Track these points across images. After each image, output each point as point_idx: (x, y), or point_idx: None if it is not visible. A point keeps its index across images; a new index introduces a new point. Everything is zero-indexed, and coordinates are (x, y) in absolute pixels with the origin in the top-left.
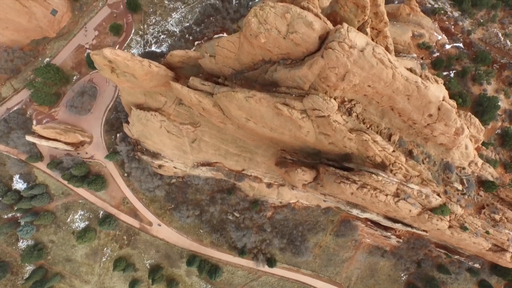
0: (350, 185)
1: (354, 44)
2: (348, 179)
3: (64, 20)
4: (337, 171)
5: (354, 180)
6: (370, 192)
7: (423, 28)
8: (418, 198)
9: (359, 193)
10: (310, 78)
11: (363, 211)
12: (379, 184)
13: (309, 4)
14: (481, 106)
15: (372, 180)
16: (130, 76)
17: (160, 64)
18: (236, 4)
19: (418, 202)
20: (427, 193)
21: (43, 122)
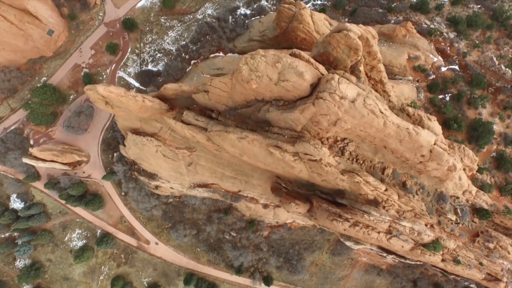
0: (342, 223)
1: (345, 95)
2: (340, 216)
3: (61, 39)
4: (329, 208)
5: (347, 218)
6: (363, 230)
7: (419, 50)
8: (411, 234)
9: (352, 230)
10: (302, 121)
11: (357, 243)
12: (371, 223)
13: (300, 52)
14: (476, 131)
15: (364, 219)
16: (124, 108)
17: (153, 97)
18: (233, 22)
19: (410, 238)
20: (419, 230)
21: (40, 142)
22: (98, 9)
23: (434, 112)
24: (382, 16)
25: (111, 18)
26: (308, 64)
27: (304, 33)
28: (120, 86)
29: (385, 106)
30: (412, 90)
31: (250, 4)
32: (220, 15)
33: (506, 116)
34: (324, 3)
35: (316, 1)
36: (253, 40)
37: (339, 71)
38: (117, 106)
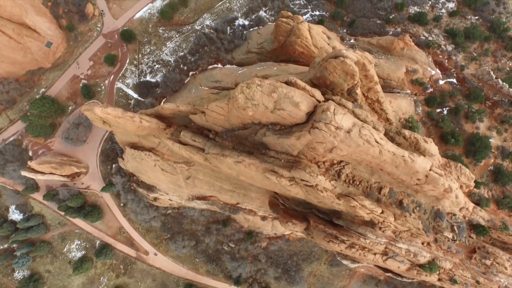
0: (339, 245)
1: (340, 125)
2: (337, 238)
3: (59, 50)
4: (326, 229)
5: (343, 240)
6: (359, 251)
7: (417, 63)
8: (407, 256)
9: (348, 251)
10: (298, 146)
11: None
12: (367, 245)
13: (296, 80)
14: (474, 146)
15: (360, 241)
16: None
17: (151, 117)
18: (231, 33)
19: (406, 259)
20: (415, 251)
21: (39, 153)
22: (96, 20)
23: (431, 126)
24: (380, 28)
25: (110, 29)
26: (304, 92)
27: (302, 47)
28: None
29: (381, 135)
30: (410, 104)
31: (248, 15)
32: (218, 26)
33: (504, 130)
34: (322, 14)
35: (314, 12)
36: (251, 52)
37: (335, 97)
38: (115, 125)
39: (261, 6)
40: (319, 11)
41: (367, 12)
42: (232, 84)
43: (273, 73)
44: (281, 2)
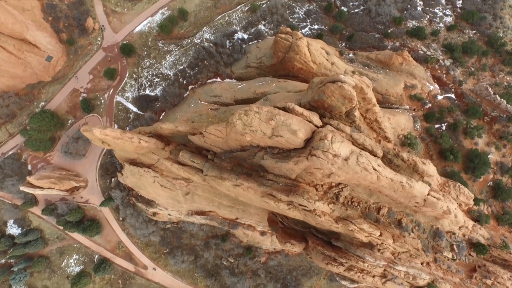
0: (337, 267)
1: (338, 153)
2: (335, 260)
3: (59, 64)
4: (324, 251)
5: (341, 262)
6: (357, 274)
7: (416, 78)
8: (406, 278)
9: (347, 273)
10: (296, 171)
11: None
12: (366, 267)
13: (294, 106)
14: (473, 163)
15: (359, 264)
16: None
17: (149, 137)
18: (230, 47)
19: (406, 282)
20: (414, 274)
21: (38, 167)
22: (96, 34)
23: (430, 142)
24: (379, 42)
25: (109, 43)
26: (302, 119)
27: (301, 63)
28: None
29: (378, 162)
30: (408, 120)
31: (247, 28)
32: (218, 40)
33: (502, 146)
34: (321, 27)
35: (313, 26)
36: (250, 67)
37: (333, 121)
38: (113, 145)
39: (260, 20)
40: (318, 25)
41: (366, 26)
42: (231, 100)
43: (272, 90)
44: (280, 16)
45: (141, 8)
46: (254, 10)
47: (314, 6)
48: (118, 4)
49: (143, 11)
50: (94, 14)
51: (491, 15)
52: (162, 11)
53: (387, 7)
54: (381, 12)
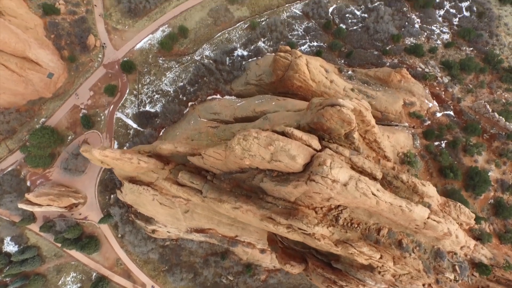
0: None
1: (337, 179)
2: (335, 283)
3: (60, 80)
4: (324, 273)
5: (342, 285)
6: None
7: (414, 95)
8: None
9: None
10: (295, 194)
11: None
12: None
13: (293, 131)
14: (473, 180)
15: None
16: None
17: (149, 158)
18: (230, 64)
19: None
20: None
21: (37, 183)
22: (97, 51)
23: (430, 160)
24: (377, 59)
25: (110, 59)
26: (301, 143)
27: (300, 81)
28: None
29: (378, 186)
30: (408, 137)
31: (247, 45)
32: (217, 57)
33: (502, 163)
34: (320, 44)
35: (312, 43)
36: (250, 84)
37: (332, 144)
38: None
39: (259, 37)
40: (317, 42)
41: (364, 43)
42: (231, 117)
43: (271, 109)
44: (280, 33)
45: (142, 25)
46: (254, 27)
47: (313, 23)
48: (119, 21)
49: (144, 28)
50: (96, 32)
51: (487, 33)
52: (163, 29)
53: (385, 25)
54: (379, 30)
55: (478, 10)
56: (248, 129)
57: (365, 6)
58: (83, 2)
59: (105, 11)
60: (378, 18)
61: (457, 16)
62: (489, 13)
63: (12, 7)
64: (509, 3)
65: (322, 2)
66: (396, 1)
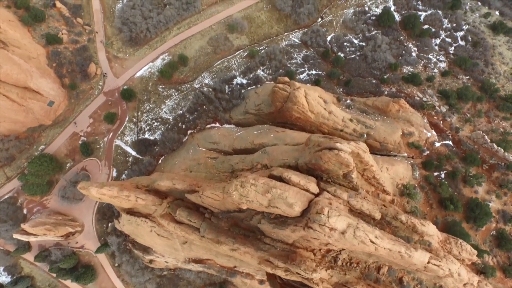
0: None
1: (335, 227)
2: None
3: (61, 108)
4: None
5: None
6: None
7: (413, 125)
8: None
9: None
10: (293, 237)
11: None
12: None
13: (290, 176)
14: (473, 212)
15: None
16: (117, 204)
17: (147, 194)
18: (229, 92)
19: None
20: None
21: (34, 211)
22: (98, 79)
23: (430, 191)
24: (375, 87)
25: (110, 87)
26: (298, 189)
27: (299, 113)
28: (113, 186)
29: (376, 233)
30: (407, 168)
31: (246, 74)
32: (217, 85)
33: (503, 194)
34: (318, 73)
35: (311, 71)
36: (249, 113)
37: (330, 187)
38: (110, 202)
39: (258, 65)
40: (316, 70)
41: (363, 72)
42: (230, 148)
43: (270, 142)
44: (279, 61)
45: (142, 53)
46: (253, 55)
47: (312, 51)
48: (120, 50)
49: (144, 56)
50: (97, 60)
51: (482, 62)
52: (163, 57)
53: (383, 54)
54: (377, 58)
55: (473, 39)
56: (246, 175)
57: (362, 35)
58: (85, 31)
59: (106, 40)
60: (376, 47)
61: (453, 45)
62: (484, 43)
63: (16, 38)
64: (502, 33)
65: (320, 31)
66: (393, 30)
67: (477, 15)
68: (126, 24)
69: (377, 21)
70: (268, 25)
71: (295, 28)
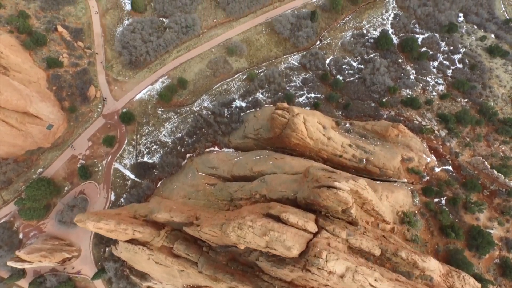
0: None
1: (333, 271)
2: None
3: (60, 131)
4: None
5: None
6: None
7: (412, 150)
8: None
9: None
10: (292, 276)
11: None
12: None
13: (288, 217)
14: (476, 241)
15: None
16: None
17: (144, 227)
18: (228, 115)
19: None
20: None
21: (30, 235)
22: (97, 102)
23: (430, 218)
24: (374, 111)
25: (110, 110)
26: (296, 230)
27: (298, 139)
28: (110, 219)
29: (376, 275)
30: (407, 195)
31: (245, 97)
32: (216, 109)
33: (505, 221)
34: (317, 96)
35: (310, 94)
36: (248, 137)
37: (329, 226)
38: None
39: (258, 88)
40: (315, 93)
41: (361, 95)
42: (228, 174)
43: (269, 170)
44: (278, 85)
45: (142, 76)
46: (252, 78)
47: (311, 74)
48: (120, 73)
49: (144, 79)
50: (97, 83)
51: (480, 84)
52: (163, 80)
53: (381, 77)
54: (376, 81)
55: (470, 62)
56: (243, 217)
57: (361, 58)
58: (86, 54)
59: (106, 63)
60: (374, 69)
61: (451, 68)
62: (481, 66)
63: (18, 63)
64: (498, 56)
65: (319, 53)
66: (391, 53)
67: (473, 38)
68: (126, 48)
69: (375, 44)
70: (267, 48)
71: (294, 51)
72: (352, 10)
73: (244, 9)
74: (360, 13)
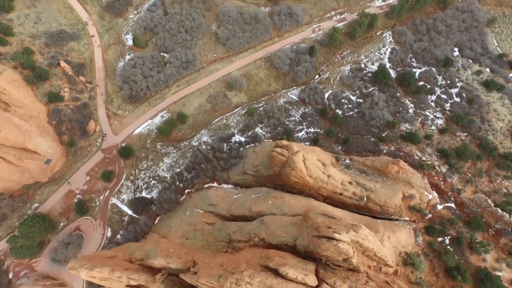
0: None
1: None
2: None
3: (58, 165)
4: None
5: None
6: None
7: (413, 187)
8: None
9: None
10: None
11: None
12: None
13: (287, 272)
14: (484, 284)
15: None
16: None
17: (140, 274)
18: (227, 150)
19: None
20: None
21: (21, 275)
22: (96, 136)
23: (434, 258)
24: (374, 146)
25: (109, 144)
26: (296, 284)
27: (297, 178)
28: (104, 266)
29: None
30: (409, 234)
31: (244, 131)
32: (215, 144)
33: None
34: (317, 131)
35: (309, 129)
36: (247, 174)
37: (329, 279)
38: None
39: (257, 123)
40: (314, 128)
41: (361, 130)
42: (227, 212)
43: (268, 210)
44: (277, 119)
45: (142, 110)
46: (251, 113)
47: (310, 109)
48: (120, 107)
49: (143, 113)
50: (97, 117)
51: (478, 118)
52: (162, 114)
53: (380, 111)
54: (375, 116)
55: (467, 96)
56: (241, 271)
57: (360, 92)
58: (87, 88)
59: (107, 97)
60: (373, 104)
61: (449, 102)
62: (478, 100)
63: (19, 98)
64: (495, 89)
65: (318, 88)
66: (389, 87)
67: (469, 72)
68: (127, 82)
69: (374, 78)
70: (266, 83)
71: (293, 85)
72: (350, 44)
73: (243, 44)
74: (358, 47)
